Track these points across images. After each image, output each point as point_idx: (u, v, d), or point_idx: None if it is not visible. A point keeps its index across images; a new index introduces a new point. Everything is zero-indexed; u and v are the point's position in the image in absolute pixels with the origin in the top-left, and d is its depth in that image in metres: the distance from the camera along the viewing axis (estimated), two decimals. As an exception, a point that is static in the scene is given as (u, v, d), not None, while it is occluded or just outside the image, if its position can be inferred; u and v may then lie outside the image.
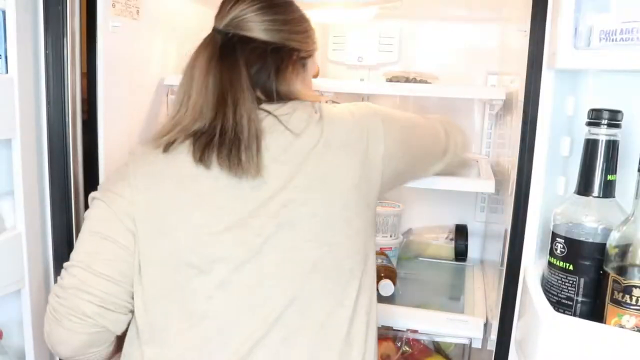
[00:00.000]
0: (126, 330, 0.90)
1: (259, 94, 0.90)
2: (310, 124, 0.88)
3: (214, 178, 0.84)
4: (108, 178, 0.93)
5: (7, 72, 1.02)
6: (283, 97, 0.91)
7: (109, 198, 0.87)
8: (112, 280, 0.85)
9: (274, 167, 0.85)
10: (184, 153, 0.86)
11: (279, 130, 0.86)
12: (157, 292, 0.85)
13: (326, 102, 0.97)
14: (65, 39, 1.07)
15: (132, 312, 0.88)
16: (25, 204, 1.06)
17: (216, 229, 0.83)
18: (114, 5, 1.18)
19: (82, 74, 1.14)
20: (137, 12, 1.27)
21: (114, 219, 0.86)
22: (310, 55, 0.98)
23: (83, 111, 1.16)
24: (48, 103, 1.09)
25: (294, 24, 0.94)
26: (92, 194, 0.91)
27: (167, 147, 0.87)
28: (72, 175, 1.12)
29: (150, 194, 0.86)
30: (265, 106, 0.89)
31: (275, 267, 0.83)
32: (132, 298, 0.87)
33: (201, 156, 0.84)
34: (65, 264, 0.88)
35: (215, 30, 0.93)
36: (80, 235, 0.89)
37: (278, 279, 0.83)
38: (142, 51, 1.33)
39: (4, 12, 1.00)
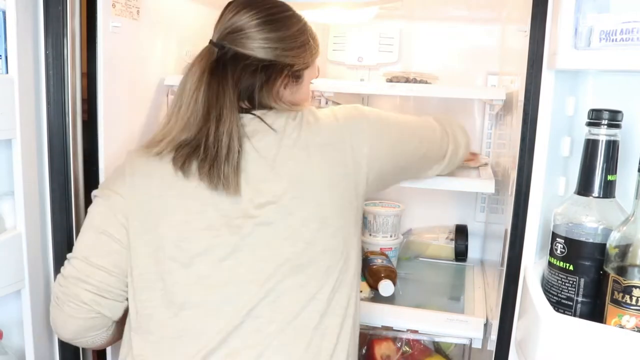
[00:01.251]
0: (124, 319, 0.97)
1: (245, 104, 0.94)
2: (288, 126, 0.92)
3: (195, 184, 0.90)
4: (107, 177, 0.99)
5: (7, 72, 1.02)
6: (265, 108, 0.95)
7: (106, 195, 0.95)
8: (107, 271, 0.93)
9: (253, 169, 0.90)
10: (170, 159, 0.91)
11: (262, 131, 0.91)
12: (144, 284, 0.91)
13: (318, 106, 0.98)
14: (65, 39, 1.07)
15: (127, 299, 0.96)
16: (25, 204, 1.06)
17: (197, 226, 0.89)
18: (114, 6, 1.18)
19: (82, 74, 1.14)
20: (137, 12, 1.27)
21: (109, 215, 0.94)
22: (306, 67, 1.01)
23: (83, 111, 1.16)
24: (48, 103, 1.09)
25: (289, 40, 0.96)
26: (93, 192, 0.99)
27: (158, 153, 0.93)
28: (72, 175, 1.12)
29: (141, 191, 0.93)
30: (251, 112, 0.93)
31: (250, 263, 0.88)
32: (127, 287, 0.94)
33: (182, 165, 0.90)
34: (68, 255, 0.97)
35: (211, 42, 0.96)
36: (81, 228, 0.97)
37: (253, 274, 0.88)
38: (142, 51, 1.33)
39: (4, 12, 1.00)
